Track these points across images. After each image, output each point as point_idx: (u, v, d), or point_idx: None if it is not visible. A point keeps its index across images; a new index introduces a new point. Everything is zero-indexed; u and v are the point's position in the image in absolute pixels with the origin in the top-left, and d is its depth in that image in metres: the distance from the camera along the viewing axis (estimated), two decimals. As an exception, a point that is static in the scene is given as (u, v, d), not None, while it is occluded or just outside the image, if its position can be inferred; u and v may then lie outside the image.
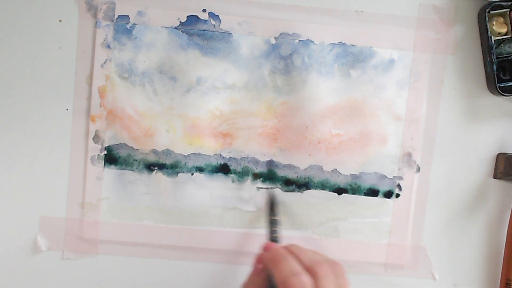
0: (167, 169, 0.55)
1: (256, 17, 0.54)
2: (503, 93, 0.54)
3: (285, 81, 0.55)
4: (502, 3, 0.54)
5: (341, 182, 0.56)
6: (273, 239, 0.51)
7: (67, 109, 0.55)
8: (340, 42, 0.55)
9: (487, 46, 0.54)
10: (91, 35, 0.54)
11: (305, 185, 0.55)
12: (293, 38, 0.54)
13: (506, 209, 0.57)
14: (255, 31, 0.54)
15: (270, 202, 0.55)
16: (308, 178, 0.55)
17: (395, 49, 0.55)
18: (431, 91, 0.56)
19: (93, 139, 0.55)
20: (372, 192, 0.56)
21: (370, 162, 0.56)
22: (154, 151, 0.55)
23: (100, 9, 0.54)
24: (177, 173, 0.55)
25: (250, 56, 0.55)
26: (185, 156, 0.55)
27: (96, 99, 0.54)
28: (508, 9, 0.54)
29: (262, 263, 0.46)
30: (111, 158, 0.55)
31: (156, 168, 0.55)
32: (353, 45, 0.55)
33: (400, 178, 0.56)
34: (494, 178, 0.57)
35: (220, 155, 0.55)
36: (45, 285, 0.56)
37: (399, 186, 0.56)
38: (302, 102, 0.55)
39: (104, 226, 0.55)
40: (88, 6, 0.54)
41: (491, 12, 0.54)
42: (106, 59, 0.54)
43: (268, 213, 0.54)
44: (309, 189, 0.55)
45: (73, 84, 0.55)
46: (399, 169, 0.56)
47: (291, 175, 0.55)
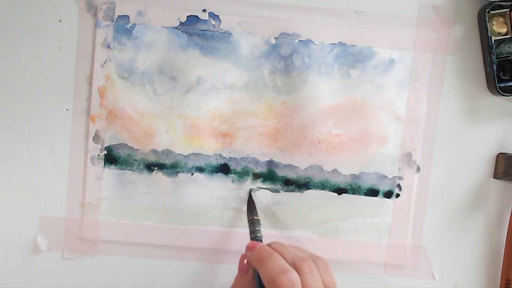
0: (167, 169, 0.55)
1: (256, 17, 0.54)
2: (503, 93, 0.54)
3: (285, 81, 0.55)
4: (502, 3, 0.54)
5: (341, 182, 0.55)
6: (256, 238, 0.50)
7: (67, 109, 0.55)
8: (340, 42, 0.55)
9: (487, 46, 0.54)
10: (91, 35, 0.54)
11: (305, 185, 0.55)
12: (293, 38, 0.54)
13: (506, 209, 0.57)
14: (255, 31, 0.54)
15: (249, 202, 0.54)
16: (308, 178, 0.55)
17: (395, 49, 0.55)
18: (431, 91, 0.56)
19: (93, 139, 0.55)
20: (372, 192, 0.56)
21: (370, 162, 0.55)
22: (154, 151, 0.55)
23: (100, 9, 0.54)
24: (177, 173, 0.55)
25: (250, 56, 0.55)
26: (185, 156, 0.55)
27: (96, 99, 0.54)
28: (508, 9, 0.54)
29: (247, 263, 0.46)
30: (111, 158, 0.55)
31: (156, 168, 0.55)
32: (353, 45, 0.55)
33: (400, 178, 0.56)
34: (494, 178, 0.57)
35: (220, 155, 0.55)
36: (45, 285, 0.56)
37: (399, 186, 0.56)
38: (302, 102, 0.55)
39: (104, 226, 0.55)
40: (88, 6, 0.54)
41: (491, 12, 0.54)
42: (106, 59, 0.54)
43: (248, 213, 0.53)
44: (309, 189, 0.55)
45: (73, 84, 0.55)
46: (399, 169, 0.56)
47: (291, 175, 0.55)
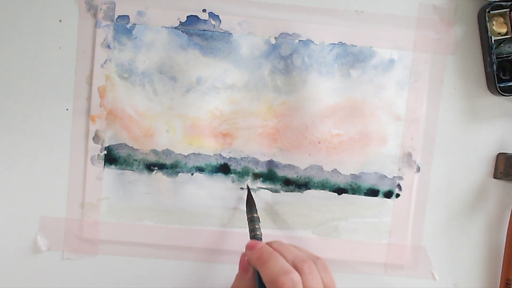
0: (167, 169, 0.55)
1: (256, 17, 0.54)
2: (503, 93, 0.54)
3: (285, 81, 0.55)
4: (502, 3, 0.54)
5: (341, 182, 0.55)
6: (256, 237, 0.50)
7: (67, 109, 0.55)
8: (340, 42, 0.55)
9: (487, 46, 0.54)
10: (91, 35, 0.54)
11: (305, 185, 0.55)
12: (293, 38, 0.54)
13: (506, 209, 0.57)
14: (255, 31, 0.54)
15: (248, 200, 0.54)
16: (308, 178, 0.55)
17: (395, 49, 0.55)
18: (431, 91, 0.56)
19: (93, 139, 0.55)
20: (372, 192, 0.56)
21: (370, 162, 0.55)
22: (154, 151, 0.55)
23: (100, 9, 0.54)
24: (177, 173, 0.55)
25: (250, 56, 0.54)
26: (185, 156, 0.55)
27: (96, 99, 0.54)
28: (508, 9, 0.54)
29: (248, 262, 0.46)
30: (111, 158, 0.55)
31: (156, 168, 0.55)
32: (353, 45, 0.55)
33: (400, 178, 0.56)
34: (494, 178, 0.57)
35: (220, 155, 0.55)
36: (45, 285, 0.56)
37: (399, 186, 0.56)
38: (302, 102, 0.55)
39: (104, 226, 0.55)
40: (88, 6, 0.54)
41: (491, 12, 0.54)
42: (106, 59, 0.54)
43: (247, 211, 0.53)
44: (309, 189, 0.55)
45: (73, 84, 0.55)
46: (399, 169, 0.56)
47: (291, 175, 0.55)
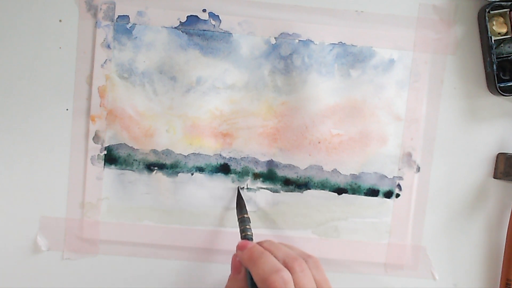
0: (167, 169, 0.55)
1: (256, 17, 0.54)
2: (503, 93, 0.54)
3: (285, 81, 0.55)
4: (502, 3, 0.54)
5: (341, 182, 0.55)
6: (246, 237, 0.50)
7: (67, 109, 0.55)
8: (340, 42, 0.55)
9: (487, 46, 0.54)
10: (91, 35, 0.54)
11: (305, 185, 0.55)
12: (293, 38, 0.54)
13: (506, 209, 0.57)
14: (255, 31, 0.54)
15: (238, 201, 0.54)
16: (308, 178, 0.55)
17: (395, 49, 0.55)
18: (431, 91, 0.56)
19: (93, 139, 0.55)
20: (372, 192, 0.56)
21: (370, 162, 0.55)
22: (154, 151, 0.55)
23: (100, 9, 0.54)
24: (177, 173, 0.55)
25: (250, 56, 0.54)
26: (185, 156, 0.55)
27: (96, 99, 0.54)
28: (508, 9, 0.54)
29: (239, 263, 0.46)
30: (111, 158, 0.55)
31: (156, 168, 0.55)
32: (353, 45, 0.55)
33: (400, 178, 0.56)
34: (494, 178, 0.57)
35: (220, 155, 0.55)
36: (45, 285, 0.56)
37: (399, 186, 0.56)
38: (302, 102, 0.55)
39: (104, 226, 0.55)
40: (88, 6, 0.54)
41: (491, 12, 0.54)
42: (106, 59, 0.54)
43: (237, 212, 0.53)
44: (309, 189, 0.55)
45: (73, 84, 0.55)
46: (399, 169, 0.56)
47: (291, 175, 0.55)
